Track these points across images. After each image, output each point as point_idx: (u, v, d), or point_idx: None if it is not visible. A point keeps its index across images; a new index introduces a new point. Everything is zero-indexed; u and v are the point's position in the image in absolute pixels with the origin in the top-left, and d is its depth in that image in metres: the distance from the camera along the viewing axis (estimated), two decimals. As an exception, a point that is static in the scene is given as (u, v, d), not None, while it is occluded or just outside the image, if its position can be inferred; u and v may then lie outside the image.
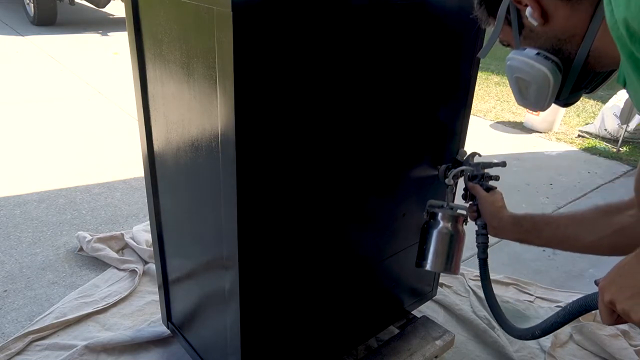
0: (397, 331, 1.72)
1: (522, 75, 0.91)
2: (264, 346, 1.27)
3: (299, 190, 1.14)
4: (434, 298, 1.89)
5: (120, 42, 6.21)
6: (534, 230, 1.19)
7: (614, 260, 0.85)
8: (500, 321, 1.20)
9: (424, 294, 1.78)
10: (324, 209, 1.22)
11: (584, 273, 2.38)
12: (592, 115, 4.71)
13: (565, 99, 0.93)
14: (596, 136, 4.17)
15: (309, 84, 1.04)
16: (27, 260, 2.18)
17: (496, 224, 1.25)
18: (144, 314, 1.91)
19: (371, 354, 1.60)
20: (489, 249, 1.29)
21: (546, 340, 1.88)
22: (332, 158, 1.17)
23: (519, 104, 0.99)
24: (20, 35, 6.32)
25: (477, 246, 1.28)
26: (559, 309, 2.18)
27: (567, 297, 2.14)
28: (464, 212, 1.33)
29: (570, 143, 4.08)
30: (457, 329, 1.93)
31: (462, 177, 1.37)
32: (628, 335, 1.92)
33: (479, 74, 1.19)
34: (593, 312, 1.14)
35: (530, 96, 0.94)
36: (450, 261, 1.32)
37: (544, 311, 2.06)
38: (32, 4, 6.77)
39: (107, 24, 7.35)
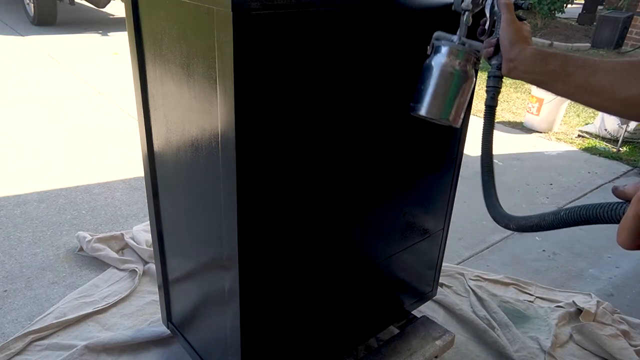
0: (397, 331, 1.72)
1: None
2: (264, 346, 1.27)
3: (299, 190, 1.14)
4: (434, 298, 1.89)
5: (120, 42, 6.21)
6: (562, 72, 0.93)
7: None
8: (486, 195, 0.97)
9: (424, 294, 1.78)
10: (324, 208, 1.22)
11: (583, 273, 2.38)
12: (592, 115, 4.72)
13: None
14: (596, 136, 4.18)
15: (309, 84, 1.04)
16: (27, 260, 2.18)
17: (515, 54, 0.98)
18: (144, 314, 1.91)
19: (371, 353, 1.60)
20: (488, 250, 1.27)
21: (546, 340, 1.88)
22: (332, 157, 1.17)
23: None
24: (20, 35, 6.32)
25: (487, 91, 1.05)
26: (559, 309, 2.19)
27: (567, 297, 2.15)
28: (478, 50, 1.06)
29: (570, 143, 4.08)
30: (457, 329, 1.94)
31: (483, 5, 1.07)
32: (628, 335, 1.92)
33: (479, 74, 1.18)
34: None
35: None
36: (449, 107, 1.07)
37: (544, 311, 2.06)
38: (32, 4, 6.77)
39: (107, 24, 7.35)
